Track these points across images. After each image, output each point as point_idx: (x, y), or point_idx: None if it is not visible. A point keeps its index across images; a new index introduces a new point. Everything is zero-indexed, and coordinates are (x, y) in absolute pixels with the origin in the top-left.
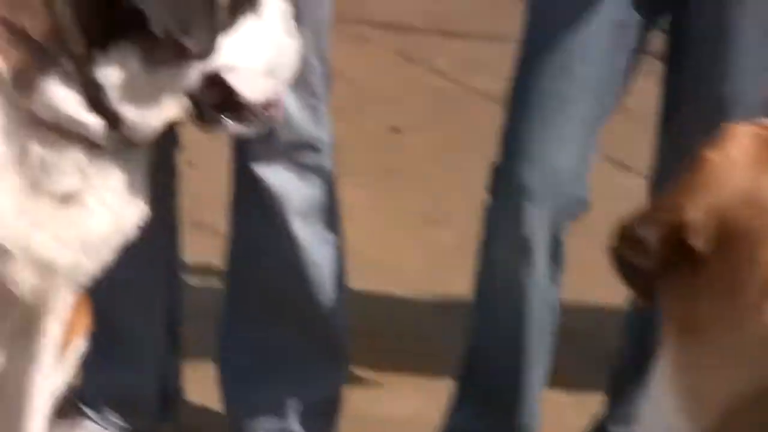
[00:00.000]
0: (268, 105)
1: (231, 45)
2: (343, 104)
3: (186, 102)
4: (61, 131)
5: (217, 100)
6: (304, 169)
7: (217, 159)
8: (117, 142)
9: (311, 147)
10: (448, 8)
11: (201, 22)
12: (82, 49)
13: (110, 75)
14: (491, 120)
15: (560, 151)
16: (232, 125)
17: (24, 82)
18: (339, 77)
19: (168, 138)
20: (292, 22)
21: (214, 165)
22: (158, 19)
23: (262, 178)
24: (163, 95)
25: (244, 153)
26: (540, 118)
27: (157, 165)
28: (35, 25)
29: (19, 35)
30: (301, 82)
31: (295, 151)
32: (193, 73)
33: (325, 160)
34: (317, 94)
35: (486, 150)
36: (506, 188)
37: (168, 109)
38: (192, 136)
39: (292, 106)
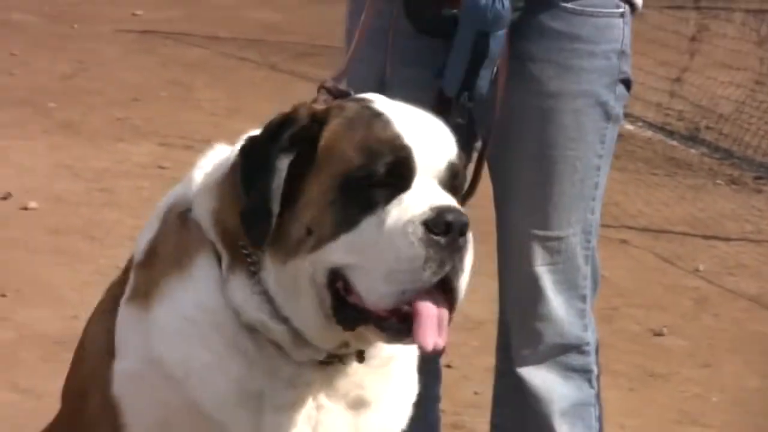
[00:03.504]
0: (401, 317)
1: (350, 243)
2: (606, 307)
3: (327, 299)
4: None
5: (358, 302)
6: (569, 370)
7: (476, 359)
8: (309, 354)
9: (577, 349)
10: (709, 213)
11: (255, 219)
12: (257, 252)
13: (269, 278)
14: (752, 321)
15: None
16: (372, 331)
17: (226, 277)
18: (601, 280)
19: None
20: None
21: (472, 366)
22: (243, 218)
23: (527, 380)
24: (301, 289)
25: (509, 355)
26: None
27: (424, 370)
28: (233, 223)
29: (225, 232)
30: (570, 286)
31: (562, 354)
32: (314, 268)
33: (590, 363)
34: (585, 298)
35: (746, 350)
36: None
37: (313, 306)
38: (451, 337)
39: (561, 309)
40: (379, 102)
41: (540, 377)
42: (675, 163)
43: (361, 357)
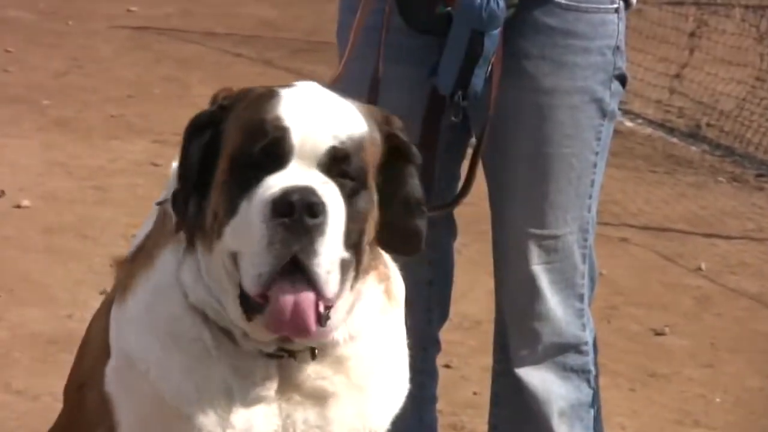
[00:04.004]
0: (264, 300)
1: (234, 227)
2: (605, 306)
3: (235, 287)
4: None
5: None
6: (567, 370)
7: (474, 359)
8: (256, 345)
9: (575, 349)
10: (710, 211)
11: (175, 201)
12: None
13: (202, 268)
14: (754, 320)
15: None
16: (261, 320)
17: (182, 261)
18: (600, 279)
19: (430, 344)
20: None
21: (470, 366)
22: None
23: (525, 381)
24: (222, 279)
25: (506, 356)
26: None
27: (419, 369)
28: None
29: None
30: (567, 285)
31: (560, 354)
32: (222, 255)
33: (589, 363)
34: (583, 297)
35: (749, 350)
36: None
37: (233, 296)
38: (449, 336)
39: (558, 308)
40: (300, 87)
41: (538, 377)
42: (675, 160)
43: (313, 354)
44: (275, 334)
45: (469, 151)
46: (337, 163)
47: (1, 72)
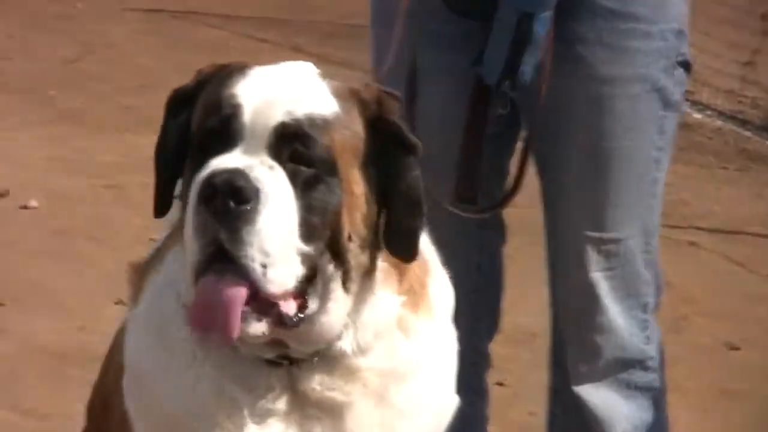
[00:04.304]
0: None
1: (186, 216)
2: (674, 317)
3: None
4: None
5: None
6: (632, 388)
7: (528, 376)
8: (253, 349)
9: (640, 365)
10: None
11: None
12: None
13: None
14: None
15: None
16: None
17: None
18: (668, 287)
19: (479, 359)
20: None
21: (525, 383)
22: None
23: (585, 400)
24: None
25: (564, 372)
26: None
27: (467, 386)
28: None
29: None
30: (629, 294)
31: (623, 370)
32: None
33: (655, 380)
34: (647, 307)
35: None
36: None
37: None
38: (501, 351)
39: (620, 319)
40: (280, 66)
41: (599, 396)
42: (748, 155)
43: (321, 361)
44: (197, 334)
45: (519, 146)
46: (288, 143)
47: (4, 60)
